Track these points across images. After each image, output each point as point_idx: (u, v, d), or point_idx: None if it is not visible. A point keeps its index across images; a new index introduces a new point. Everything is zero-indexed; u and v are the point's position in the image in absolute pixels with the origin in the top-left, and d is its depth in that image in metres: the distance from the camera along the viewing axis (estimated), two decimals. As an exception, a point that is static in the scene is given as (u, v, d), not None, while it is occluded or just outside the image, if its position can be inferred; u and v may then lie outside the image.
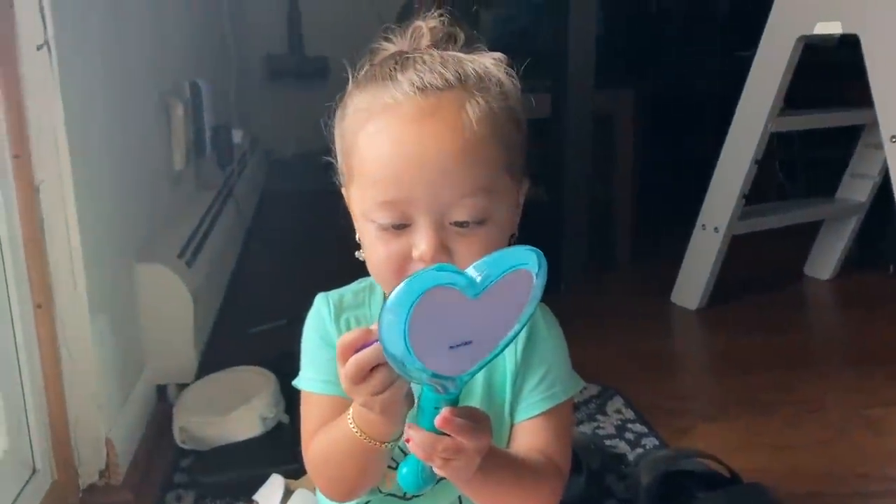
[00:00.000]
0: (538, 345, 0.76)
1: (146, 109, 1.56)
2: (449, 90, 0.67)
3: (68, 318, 1.09)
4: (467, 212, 0.66)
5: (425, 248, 0.65)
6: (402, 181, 0.65)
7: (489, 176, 0.67)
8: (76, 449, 1.13)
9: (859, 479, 1.23)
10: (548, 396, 0.75)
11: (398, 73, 0.68)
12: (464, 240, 0.66)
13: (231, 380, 1.37)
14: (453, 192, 0.65)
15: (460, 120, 0.66)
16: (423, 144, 0.65)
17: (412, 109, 0.66)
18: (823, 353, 1.77)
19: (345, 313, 0.78)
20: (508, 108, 0.69)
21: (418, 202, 0.65)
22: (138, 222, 1.42)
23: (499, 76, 0.70)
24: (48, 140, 1.04)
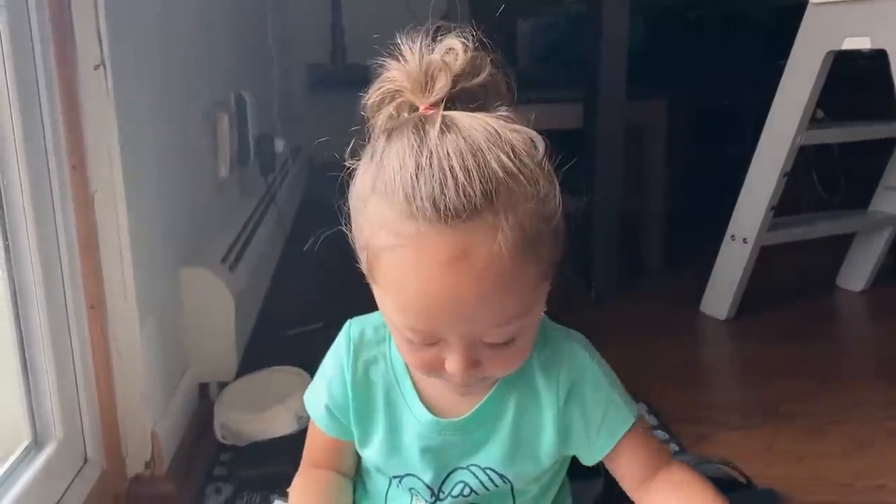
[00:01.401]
0: (590, 385, 0.75)
1: (194, 122, 1.64)
2: (479, 219, 0.59)
3: (119, 319, 1.16)
4: (499, 337, 0.65)
5: (457, 368, 0.65)
6: (432, 319, 0.62)
7: (523, 301, 0.63)
8: (124, 441, 1.21)
9: (879, 490, 1.24)
10: (618, 425, 0.75)
11: (420, 186, 0.59)
12: (495, 355, 0.66)
13: (269, 379, 1.44)
14: (486, 325, 0.63)
15: (492, 258, 0.59)
16: (455, 290, 0.60)
17: (440, 249, 0.59)
18: (851, 365, 1.77)
19: (364, 353, 0.78)
20: (538, 209, 0.62)
21: (448, 333, 0.64)
22: (184, 229, 1.49)
23: (532, 169, 0.62)
24: (103, 153, 1.12)
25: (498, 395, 0.75)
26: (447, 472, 0.77)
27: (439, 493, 0.78)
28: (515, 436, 0.75)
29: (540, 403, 0.75)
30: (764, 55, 2.52)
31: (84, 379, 1.14)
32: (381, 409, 0.77)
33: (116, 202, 1.13)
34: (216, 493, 1.23)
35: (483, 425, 0.75)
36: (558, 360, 0.75)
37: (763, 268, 1.95)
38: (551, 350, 0.75)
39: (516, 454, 0.76)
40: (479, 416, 0.75)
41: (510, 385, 0.75)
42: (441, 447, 0.76)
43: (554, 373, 0.75)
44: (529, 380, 0.75)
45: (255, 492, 1.21)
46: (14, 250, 1.02)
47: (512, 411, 0.75)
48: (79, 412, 1.14)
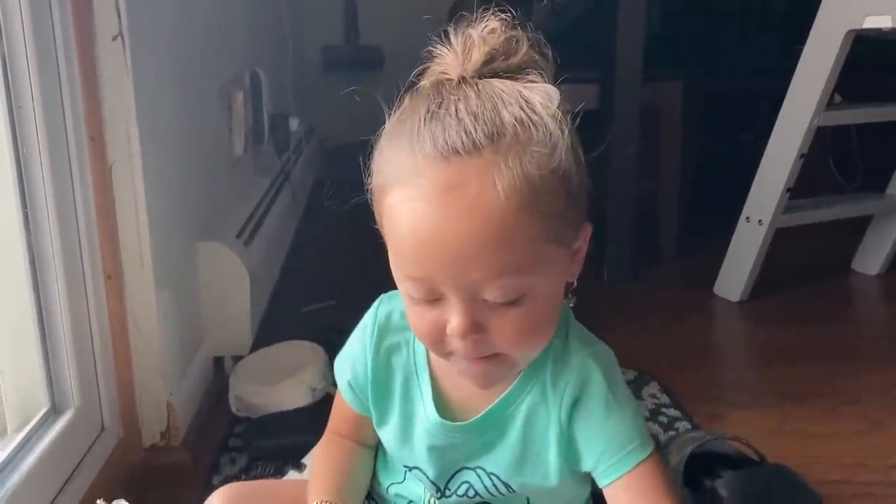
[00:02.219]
0: (595, 406, 0.70)
1: (209, 98, 1.64)
2: (477, 155, 0.58)
3: (136, 290, 1.18)
4: (498, 293, 0.61)
5: (457, 326, 0.62)
6: (424, 262, 0.61)
7: (523, 256, 0.60)
8: (140, 411, 1.22)
9: (891, 469, 1.24)
10: (623, 458, 0.69)
11: (424, 128, 0.60)
12: (499, 318, 0.62)
13: (283, 353, 1.45)
14: (480, 275, 0.60)
15: (485, 196, 0.58)
16: (442, 225, 0.58)
17: (432, 182, 0.59)
18: (865, 348, 1.76)
19: (388, 337, 0.76)
20: (553, 168, 0.60)
21: (444, 282, 0.61)
22: (200, 204, 1.50)
23: (546, 122, 0.61)
24: (120, 124, 1.12)
25: (512, 396, 0.72)
26: (453, 471, 0.76)
27: (445, 489, 0.77)
28: (522, 446, 0.72)
29: (548, 414, 0.71)
30: (782, 39, 2.50)
31: (101, 348, 1.15)
32: (397, 397, 0.76)
33: (134, 174, 1.14)
34: (231, 463, 1.24)
35: (490, 430, 0.73)
36: (567, 373, 0.70)
37: (778, 250, 1.95)
38: (565, 360, 0.71)
39: (522, 465, 0.73)
40: (487, 421, 0.73)
41: (525, 386, 0.72)
42: (446, 447, 0.74)
43: (561, 387, 0.70)
44: (542, 386, 0.71)
45: (268, 462, 1.23)
46: (33, 220, 1.03)
47: (521, 421, 0.72)
48: (96, 381, 1.15)
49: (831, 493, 1.14)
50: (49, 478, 1.02)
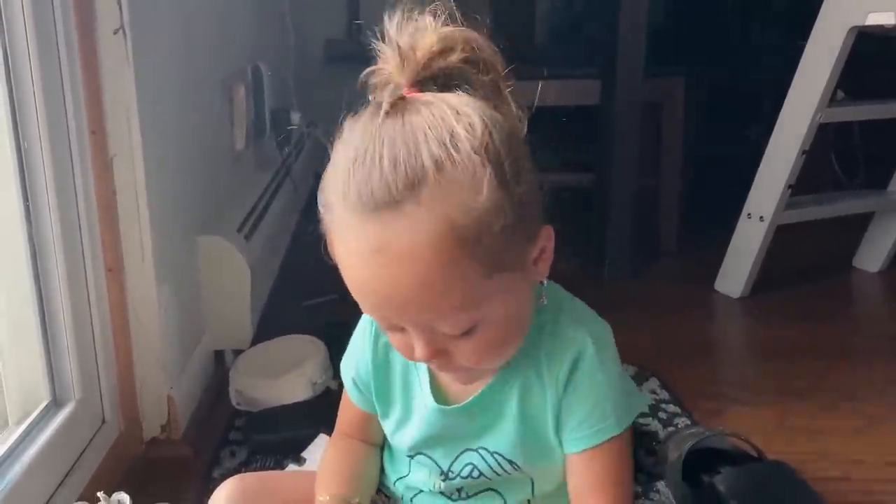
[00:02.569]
0: (586, 377, 0.72)
1: (211, 92, 1.64)
2: (397, 210, 0.58)
3: (136, 283, 1.18)
4: (449, 328, 0.63)
5: (420, 355, 0.65)
6: (373, 309, 0.64)
7: (463, 296, 0.61)
8: (141, 404, 1.23)
9: (889, 466, 1.25)
10: (599, 429, 0.72)
11: (351, 178, 0.60)
12: (459, 344, 0.65)
13: (283, 347, 1.45)
14: (428, 316, 0.62)
15: (411, 251, 0.58)
16: (377, 283, 0.61)
17: (361, 241, 0.60)
18: (865, 345, 1.76)
19: (384, 336, 0.76)
20: (478, 206, 0.59)
21: (399, 322, 0.64)
22: (201, 197, 1.50)
23: (468, 157, 0.59)
24: (122, 118, 1.12)
25: (499, 382, 0.74)
26: (457, 454, 0.78)
27: (449, 472, 0.79)
28: (522, 423, 0.74)
29: (543, 390, 0.73)
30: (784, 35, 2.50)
31: (102, 341, 1.15)
32: (398, 390, 0.79)
33: (135, 167, 1.14)
34: (231, 456, 1.24)
35: (486, 411, 0.75)
36: (563, 348, 0.72)
37: (779, 247, 1.94)
38: (560, 337, 0.73)
39: (525, 441, 0.75)
40: (480, 402, 0.75)
41: (513, 372, 0.74)
42: (446, 432, 0.77)
43: (557, 361, 0.72)
44: (536, 368, 0.73)
45: (268, 456, 1.23)
46: (34, 213, 1.04)
47: (516, 399, 0.74)
48: (96, 374, 1.16)
49: (830, 489, 1.14)
50: (50, 470, 1.02)
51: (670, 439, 1.16)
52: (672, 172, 2.27)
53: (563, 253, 0.74)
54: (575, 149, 2.15)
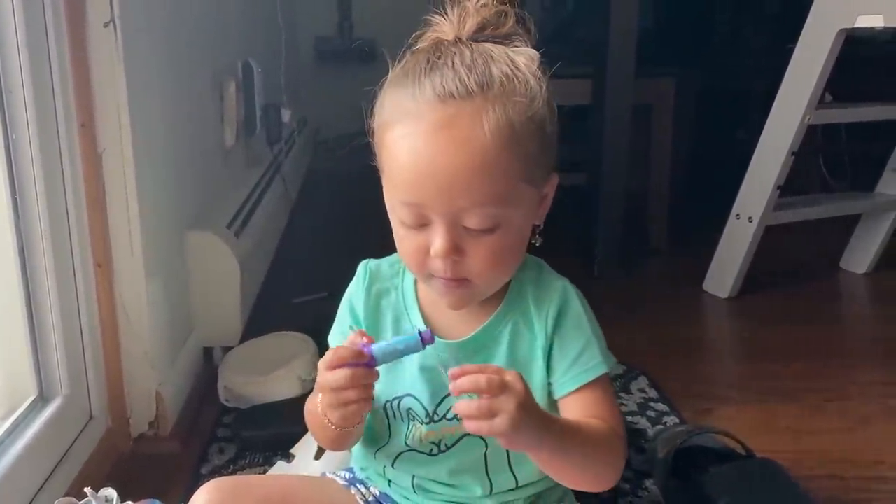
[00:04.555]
0: (573, 319, 0.79)
1: (201, 87, 1.64)
2: (469, 100, 0.69)
3: (125, 279, 1.17)
4: (478, 220, 0.70)
5: (439, 247, 0.71)
6: (418, 189, 0.70)
7: (501, 188, 0.69)
8: (129, 400, 1.22)
9: (876, 465, 1.25)
10: (591, 367, 0.78)
11: (425, 77, 0.70)
12: (475, 243, 0.71)
13: (272, 343, 1.45)
14: (464, 202, 0.69)
15: (474, 133, 0.68)
16: (436, 157, 0.68)
17: (430, 120, 0.69)
18: (852, 345, 1.78)
19: (377, 283, 0.84)
20: (531, 116, 0.70)
21: (433, 208, 0.70)
22: (191, 193, 1.50)
23: (527, 78, 0.71)
24: (111, 111, 1.12)
25: (496, 321, 0.80)
26: (443, 395, 0.79)
27: (434, 414, 0.80)
28: (510, 364, 0.78)
29: (533, 333, 0.79)
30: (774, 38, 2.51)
31: (90, 336, 1.15)
32: (389, 333, 0.82)
33: (124, 161, 1.13)
34: (219, 453, 1.24)
35: (481, 350, 0.79)
36: (549, 295, 0.80)
37: (767, 248, 1.95)
38: (545, 286, 0.81)
39: None
40: (478, 339, 0.80)
41: (507, 313, 0.80)
42: (436, 372, 0.79)
43: (545, 305, 0.80)
44: (525, 311, 0.80)
45: (257, 452, 1.23)
46: (22, 208, 1.03)
47: (507, 339, 0.80)
48: (84, 369, 1.15)
49: (819, 487, 1.15)
50: (36, 466, 1.01)
51: (659, 437, 1.16)
52: (662, 173, 2.27)
53: (553, 250, 0.82)
54: (566, 149, 2.15)
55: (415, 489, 0.84)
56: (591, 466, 0.75)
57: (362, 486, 0.88)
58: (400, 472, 0.84)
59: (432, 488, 0.83)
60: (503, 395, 0.65)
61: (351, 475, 0.91)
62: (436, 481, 0.83)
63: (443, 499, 0.83)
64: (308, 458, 1.09)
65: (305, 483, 0.94)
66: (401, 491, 0.85)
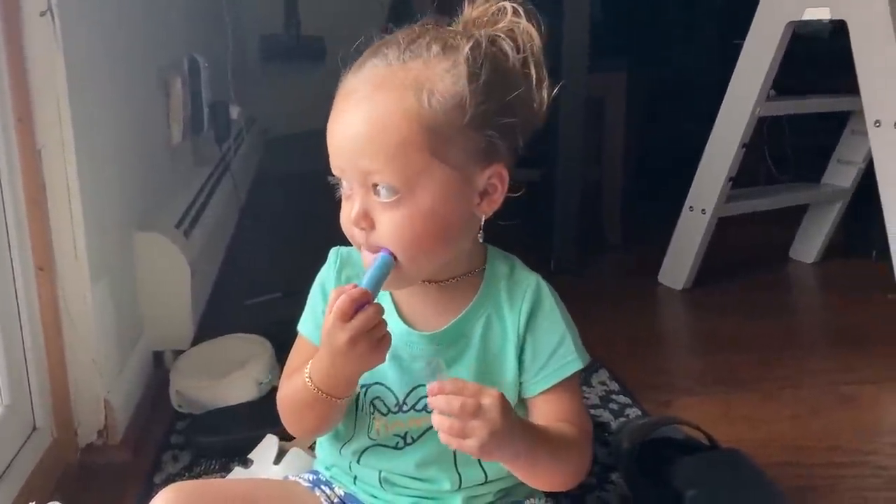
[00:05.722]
0: (546, 315, 0.78)
1: (146, 82, 1.58)
2: (385, 68, 0.70)
3: (69, 282, 1.12)
4: (380, 185, 0.70)
5: (353, 215, 0.71)
6: (333, 154, 0.72)
7: (401, 156, 0.68)
8: (75, 409, 1.16)
9: (830, 450, 1.27)
10: (566, 364, 0.77)
11: (369, 55, 0.72)
12: (383, 214, 0.70)
13: (227, 346, 1.40)
14: (365, 164, 0.69)
15: (377, 96, 0.69)
16: (342, 119, 0.70)
17: (351, 84, 0.71)
18: (804, 334, 1.81)
19: (347, 268, 0.82)
20: (450, 93, 0.69)
21: (345, 171, 0.71)
22: (137, 192, 1.44)
23: (461, 57, 0.70)
24: (50, 106, 1.06)
25: (470, 314, 0.79)
26: (412, 386, 0.79)
27: (403, 404, 0.79)
28: (482, 358, 0.78)
29: (505, 329, 0.78)
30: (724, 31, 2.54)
31: (32, 343, 1.09)
32: None
33: (66, 158, 1.08)
34: (173, 460, 1.19)
35: (454, 343, 0.78)
36: (522, 290, 0.79)
37: (718, 240, 1.97)
38: (517, 280, 0.80)
39: (482, 376, 0.77)
40: (452, 332, 0.78)
41: (480, 307, 0.79)
42: (411, 359, 0.78)
43: (518, 300, 0.79)
44: (497, 305, 0.79)
45: (213, 459, 1.18)
46: (-44, 207, 0.97)
47: (480, 332, 0.78)
48: (26, 378, 1.09)
49: (780, 475, 1.15)
50: (-24, 481, 0.96)
51: (623, 430, 1.16)
52: (615, 167, 2.28)
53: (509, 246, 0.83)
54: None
55: (382, 484, 0.81)
56: (561, 472, 0.76)
57: (327, 487, 0.86)
58: (366, 468, 0.82)
59: (400, 482, 0.81)
60: (476, 421, 0.65)
61: (315, 477, 0.88)
62: (403, 475, 0.81)
63: (410, 493, 0.81)
64: (267, 463, 1.05)
65: (269, 486, 0.91)
66: (367, 489, 0.83)
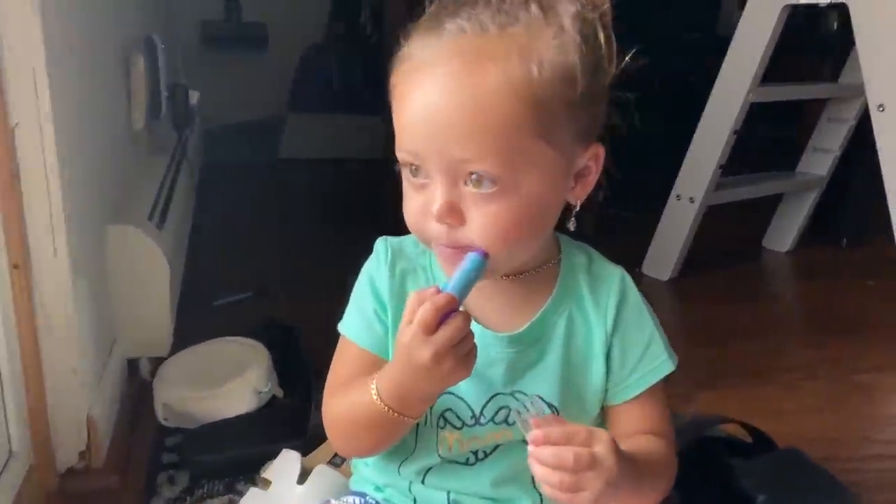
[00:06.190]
0: (634, 312, 0.71)
1: (109, 59, 1.42)
2: (482, 37, 0.61)
3: (47, 281, 0.97)
4: (478, 177, 0.61)
5: (434, 207, 0.62)
6: (414, 135, 0.62)
7: (506, 141, 0.60)
8: (55, 429, 1.01)
9: (862, 442, 1.24)
10: (656, 367, 0.70)
11: (446, 17, 0.63)
12: (476, 207, 0.62)
13: (215, 352, 1.27)
14: (462, 152, 0.60)
15: (480, 70, 0.59)
16: (434, 96, 0.60)
17: (435, 58, 0.61)
18: (800, 323, 1.82)
19: (401, 262, 0.72)
20: (557, 66, 0.61)
21: (429, 158, 0.62)
22: (107, 181, 1.29)
23: (563, 23, 0.62)
24: (26, 77, 0.92)
25: (550, 312, 0.70)
26: (489, 396, 0.69)
27: (480, 416, 0.70)
28: (567, 361, 0.70)
29: (590, 327, 0.70)
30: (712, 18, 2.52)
31: (7, 353, 0.94)
32: None
33: (44, 138, 0.94)
34: (169, 483, 1.05)
35: (535, 344, 0.70)
36: (606, 284, 0.72)
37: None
38: (600, 273, 0.72)
39: (566, 383, 0.70)
40: (533, 332, 0.70)
41: (561, 303, 0.71)
42: (487, 364, 0.68)
43: (603, 295, 0.71)
44: (579, 301, 0.71)
45: (215, 479, 1.05)
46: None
47: (563, 331, 0.70)
48: (1, 396, 0.94)
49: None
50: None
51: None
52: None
53: None
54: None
55: None
56: (656, 494, 0.69)
57: (380, 510, 0.75)
58: (431, 489, 0.72)
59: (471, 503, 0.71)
60: (591, 472, 0.58)
61: (362, 500, 0.77)
62: (476, 495, 0.71)
63: None
64: (289, 483, 0.93)
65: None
66: None
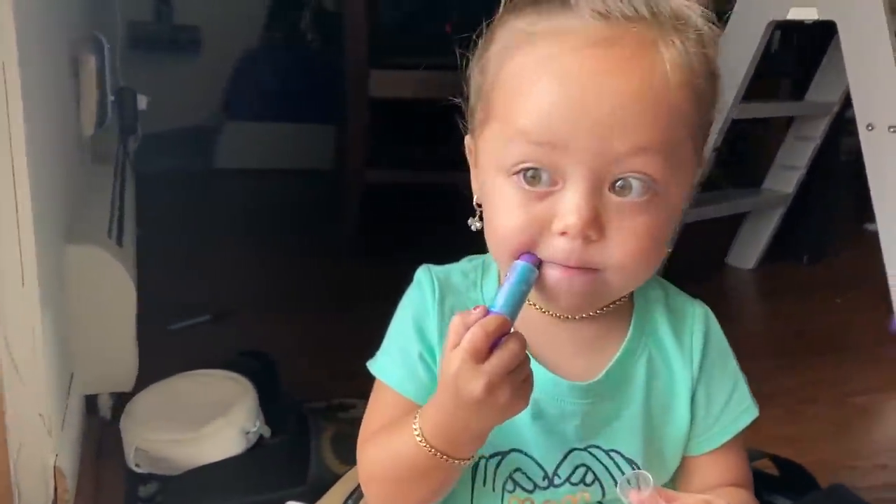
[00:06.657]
0: (719, 355, 0.65)
1: (59, 59, 1.27)
2: (639, 22, 0.54)
3: (13, 315, 0.83)
4: (635, 179, 0.53)
5: (575, 215, 0.52)
6: (559, 125, 0.52)
7: (670, 135, 0.54)
8: (16, 479, 0.86)
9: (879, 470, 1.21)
10: (740, 414, 0.65)
11: None
12: (620, 218, 0.54)
13: (191, 387, 1.14)
14: (622, 146, 0.52)
15: (651, 57, 0.53)
16: (592, 80, 0.52)
17: (590, 36, 0.53)
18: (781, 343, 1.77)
19: (450, 297, 0.64)
20: (707, 59, 0.57)
21: (575, 152, 0.52)
22: (61, 195, 1.14)
23: (696, 20, 0.57)
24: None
25: (628, 354, 0.63)
26: (563, 453, 0.62)
27: (555, 476, 0.62)
28: (648, 412, 0.63)
29: (672, 370, 0.64)
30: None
31: (-35, 400, 0.79)
32: None
33: (13, 144, 0.80)
34: (150, 541, 0.92)
35: (613, 395, 0.62)
36: (688, 322, 0.65)
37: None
38: (679, 309, 0.65)
39: (649, 433, 0.63)
40: (611, 379, 0.62)
41: (639, 344, 0.63)
42: (559, 417, 0.61)
43: (686, 335, 0.64)
44: (657, 342, 0.64)
45: (203, 534, 0.93)
46: None
47: (643, 376, 0.63)
48: (-45, 449, 0.79)
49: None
50: None
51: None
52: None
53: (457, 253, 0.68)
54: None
55: None
56: None
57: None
58: None
59: None
60: None
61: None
62: None
63: None
64: (303, 541, 0.82)
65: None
66: None
